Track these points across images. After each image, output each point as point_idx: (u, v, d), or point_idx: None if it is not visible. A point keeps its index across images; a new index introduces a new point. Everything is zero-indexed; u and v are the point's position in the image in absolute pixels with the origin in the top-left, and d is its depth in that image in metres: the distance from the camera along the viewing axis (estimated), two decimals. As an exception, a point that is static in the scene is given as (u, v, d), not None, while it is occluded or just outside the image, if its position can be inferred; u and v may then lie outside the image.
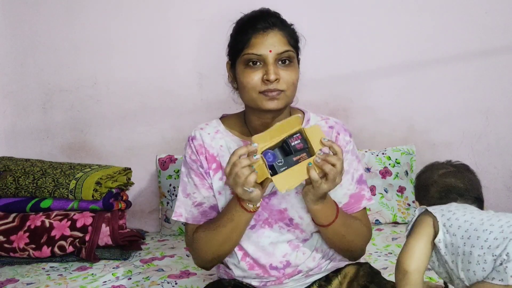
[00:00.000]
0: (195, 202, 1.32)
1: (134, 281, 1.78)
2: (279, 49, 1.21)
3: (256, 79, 1.21)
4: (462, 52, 2.36)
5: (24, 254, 1.99)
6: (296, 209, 1.29)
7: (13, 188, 2.08)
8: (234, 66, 1.28)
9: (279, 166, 1.10)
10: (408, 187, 2.32)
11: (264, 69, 1.21)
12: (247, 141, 1.30)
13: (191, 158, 1.33)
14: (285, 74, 1.22)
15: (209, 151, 1.32)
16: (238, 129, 1.35)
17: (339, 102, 2.37)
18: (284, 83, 1.22)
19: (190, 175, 1.33)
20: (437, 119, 2.40)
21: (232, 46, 1.28)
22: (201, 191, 1.31)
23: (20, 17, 2.35)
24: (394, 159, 2.31)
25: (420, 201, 1.32)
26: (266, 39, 1.21)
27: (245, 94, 1.25)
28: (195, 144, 1.32)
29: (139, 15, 2.35)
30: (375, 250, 1.99)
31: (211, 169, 1.31)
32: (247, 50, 1.22)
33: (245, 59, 1.22)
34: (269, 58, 1.21)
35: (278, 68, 1.21)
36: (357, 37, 2.35)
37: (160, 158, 2.35)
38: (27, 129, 2.42)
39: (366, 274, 1.35)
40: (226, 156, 1.28)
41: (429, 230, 1.13)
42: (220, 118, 1.39)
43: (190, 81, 2.37)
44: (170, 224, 2.33)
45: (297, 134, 1.12)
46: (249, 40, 1.22)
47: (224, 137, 1.33)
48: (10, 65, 2.39)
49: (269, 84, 1.20)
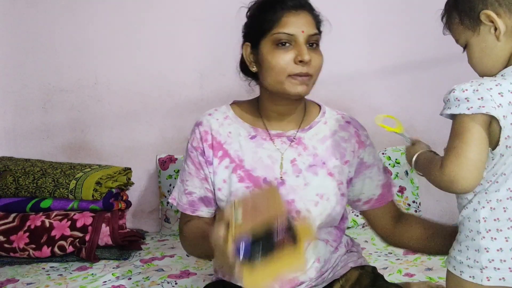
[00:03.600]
0: (186, 189, 1.29)
1: (134, 281, 1.78)
2: (310, 30, 1.16)
3: (287, 60, 1.15)
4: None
5: (24, 254, 1.98)
6: (304, 201, 1.24)
7: (13, 188, 2.08)
8: (256, 47, 1.20)
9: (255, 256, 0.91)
10: (408, 187, 2.32)
11: (296, 50, 1.15)
12: (258, 128, 1.27)
13: (193, 145, 1.28)
14: (314, 57, 1.17)
15: (216, 138, 1.26)
16: (249, 116, 1.29)
17: (339, 102, 2.36)
18: (313, 67, 1.17)
19: (187, 161, 1.29)
20: (437, 119, 2.39)
21: (256, 26, 1.20)
22: (193, 180, 1.28)
23: (20, 17, 2.35)
24: (394, 159, 2.31)
25: None
26: (298, 19, 1.15)
27: (271, 76, 1.18)
28: (201, 130, 1.28)
29: (139, 15, 2.35)
30: (375, 250, 1.99)
31: (217, 156, 1.25)
32: (277, 29, 1.15)
33: (274, 38, 1.15)
34: (300, 38, 1.15)
35: (308, 50, 1.16)
36: (358, 37, 2.35)
37: (160, 158, 2.35)
38: (27, 129, 2.42)
39: (368, 277, 1.32)
40: (234, 143, 1.25)
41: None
42: (231, 104, 1.34)
43: (190, 81, 2.37)
44: (170, 224, 2.33)
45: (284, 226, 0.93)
46: (280, 19, 1.15)
47: (233, 123, 1.28)
48: (10, 65, 2.39)
49: (301, 66, 1.14)
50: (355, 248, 1.41)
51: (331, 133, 1.30)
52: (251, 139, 1.26)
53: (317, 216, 1.24)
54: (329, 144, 1.28)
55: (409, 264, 1.80)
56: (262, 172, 1.24)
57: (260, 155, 1.25)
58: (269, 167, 1.24)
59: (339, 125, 1.31)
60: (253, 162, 1.24)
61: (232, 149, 1.25)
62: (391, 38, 2.35)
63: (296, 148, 1.26)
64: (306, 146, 1.27)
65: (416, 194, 2.34)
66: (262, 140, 1.26)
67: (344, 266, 1.32)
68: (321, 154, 1.27)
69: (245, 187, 1.23)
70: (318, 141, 1.28)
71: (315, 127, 1.30)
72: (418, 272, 1.72)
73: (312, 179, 1.25)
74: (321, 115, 1.32)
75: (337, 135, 1.30)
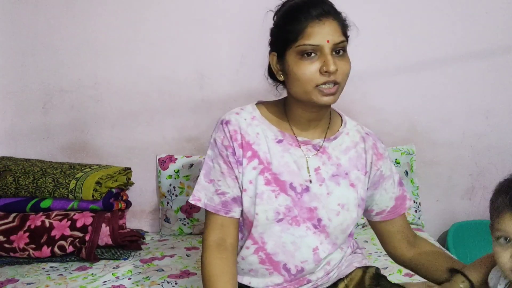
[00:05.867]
0: (218, 190, 1.24)
1: (134, 281, 1.78)
2: (336, 39, 1.15)
3: (313, 71, 1.14)
4: (462, 52, 2.36)
5: (24, 254, 1.99)
6: (326, 210, 1.24)
7: (13, 188, 2.08)
8: (282, 57, 1.19)
9: None
10: (408, 187, 2.32)
11: (321, 60, 1.14)
12: (285, 132, 1.26)
13: (223, 144, 1.24)
14: (341, 64, 1.15)
15: (245, 137, 1.24)
16: (276, 119, 1.28)
17: (340, 102, 2.33)
18: (340, 74, 1.15)
19: (218, 160, 1.25)
20: (437, 119, 2.40)
21: (281, 36, 1.19)
22: (227, 180, 1.24)
23: (20, 17, 2.35)
24: (394, 159, 2.31)
25: None
26: (322, 28, 1.13)
27: (298, 87, 1.17)
28: (230, 129, 1.24)
29: (139, 15, 2.34)
30: (375, 250, 1.99)
31: (246, 157, 1.23)
32: (302, 40, 1.13)
33: (299, 50, 1.14)
34: (326, 49, 1.13)
35: (334, 58, 1.15)
36: (357, 37, 2.34)
37: (160, 158, 2.35)
38: (27, 129, 2.42)
39: (372, 277, 1.34)
40: (263, 144, 1.24)
41: None
42: (256, 104, 1.32)
43: (190, 81, 2.37)
44: (170, 224, 2.33)
45: None
46: (304, 29, 1.13)
47: (261, 124, 1.26)
48: (10, 65, 2.39)
49: (328, 76, 1.13)
50: (359, 250, 1.44)
51: (353, 144, 1.31)
52: (278, 143, 1.25)
53: (337, 226, 1.25)
54: (351, 155, 1.29)
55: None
56: (289, 177, 1.23)
57: (286, 159, 1.24)
58: (296, 172, 1.24)
59: (360, 137, 1.33)
60: (280, 166, 1.23)
61: (261, 150, 1.24)
62: (391, 38, 2.35)
63: (321, 157, 1.26)
64: (330, 155, 1.27)
65: (416, 194, 2.34)
66: (289, 145, 1.26)
67: (349, 266, 1.36)
68: (344, 164, 1.28)
69: (271, 190, 1.22)
70: (341, 152, 1.29)
71: (339, 137, 1.30)
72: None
73: (335, 189, 1.25)
74: (343, 126, 1.33)
75: (358, 147, 1.31)
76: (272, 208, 1.21)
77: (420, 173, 2.41)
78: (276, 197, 1.21)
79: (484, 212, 2.47)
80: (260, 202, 1.21)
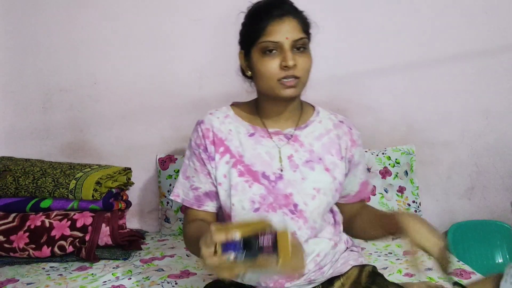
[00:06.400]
0: (192, 185, 1.35)
1: (134, 281, 1.78)
2: (295, 35, 1.23)
3: (274, 67, 1.22)
4: (462, 52, 2.36)
5: (24, 254, 1.98)
6: (301, 195, 1.29)
7: (13, 188, 2.08)
8: (248, 54, 1.28)
9: None
10: (408, 187, 2.32)
11: (281, 56, 1.22)
12: (256, 126, 1.34)
13: (196, 143, 1.35)
14: (301, 60, 1.23)
15: (217, 134, 1.33)
16: (248, 116, 1.37)
17: (338, 102, 2.37)
18: (300, 69, 1.23)
19: (192, 159, 1.35)
20: (436, 119, 2.41)
21: (246, 35, 1.29)
22: (199, 176, 1.34)
23: (20, 17, 2.35)
24: (394, 159, 2.31)
25: None
26: (282, 26, 1.22)
27: (262, 82, 1.26)
28: (202, 128, 1.35)
29: (138, 15, 2.35)
30: (375, 250, 1.99)
31: (218, 152, 1.32)
32: (264, 38, 1.23)
33: (261, 47, 1.23)
34: (285, 45, 1.22)
35: (294, 54, 1.23)
36: (356, 37, 2.35)
37: (160, 158, 2.35)
38: (27, 129, 2.42)
39: (369, 276, 1.36)
40: (235, 140, 1.32)
41: None
42: (231, 105, 1.42)
43: (189, 81, 2.37)
44: (170, 224, 2.33)
45: (269, 234, 0.95)
46: (265, 28, 1.22)
47: (234, 122, 1.36)
48: (10, 65, 2.39)
49: (287, 70, 1.21)
50: (355, 248, 1.45)
51: (326, 131, 1.38)
52: (250, 137, 1.34)
53: (314, 210, 1.29)
54: (325, 142, 1.36)
55: (409, 264, 1.80)
56: (261, 167, 1.30)
57: (259, 151, 1.32)
58: (268, 162, 1.31)
59: (333, 124, 1.40)
60: (252, 157, 1.31)
61: (232, 145, 1.32)
62: (389, 38, 2.35)
63: (293, 145, 1.33)
64: (303, 143, 1.34)
65: (416, 194, 2.34)
66: (261, 137, 1.34)
67: (345, 264, 1.38)
68: (317, 150, 1.34)
69: (245, 181, 1.29)
70: (314, 139, 1.36)
71: (310, 125, 1.38)
72: (418, 272, 1.72)
73: (309, 174, 1.31)
74: (315, 115, 1.40)
75: (332, 133, 1.38)
76: (247, 198, 1.27)
77: (420, 173, 2.42)
78: (250, 187, 1.28)
79: (484, 212, 2.47)
80: (235, 193, 1.28)
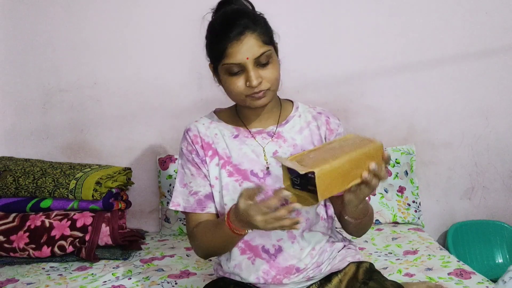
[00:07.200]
0: (191, 191, 1.36)
1: (134, 281, 1.78)
2: (256, 53, 1.22)
3: (240, 85, 1.25)
4: (462, 52, 2.36)
5: (24, 254, 1.99)
6: None
7: (13, 188, 2.08)
8: (216, 69, 1.31)
9: None
10: (408, 187, 2.32)
11: (246, 75, 1.23)
12: (239, 127, 1.38)
13: (187, 149, 1.38)
14: (266, 73, 1.25)
15: (205, 139, 1.38)
16: (231, 119, 1.41)
17: (339, 102, 2.37)
18: (267, 82, 1.25)
19: (187, 165, 1.38)
20: (437, 119, 2.41)
21: (210, 54, 1.31)
22: (197, 180, 1.36)
23: (20, 17, 2.35)
24: (394, 159, 2.31)
25: None
26: (241, 47, 1.21)
27: (232, 97, 1.30)
28: (190, 135, 1.39)
29: (138, 15, 2.35)
30: (375, 250, 1.99)
31: (208, 156, 1.36)
32: (225, 60, 1.24)
33: (225, 68, 1.25)
34: (248, 65, 1.22)
35: (258, 70, 1.24)
36: (357, 37, 2.35)
37: (160, 158, 2.35)
38: (27, 129, 2.42)
39: (365, 272, 1.37)
40: (221, 142, 1.37)
41: None
42: (214, 111, 1.46)
43: (189, 81, 2.37)
44: (170, 224, 2.33)
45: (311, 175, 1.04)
46: (225, 50, 1.23)
47: (218, 126, 1.40)
48: (10, 65, 2.39)
49: (253, 88, 1.23)
50: (353, 245, 1.48)
51: (306, 124, 1.41)
52: (235, 138, 1.37)
53: None
54: (306, 134, 1.39)
55: (409, 264, 1.80)
56: (249, 165, 1.33)
57: (244, 150, 1.35)
58: (254, 160, 1.34)
59: (312, 116, 1.42)
60: (239, 157, 1.34)
61: (220, 147, 1.37)
62: (390, 38, 2.35)
63: (276, 141, 1.37)
64: (286, 138, 1.37)
65: (416, 194, 2.34)
66: (245, 138, 1.37)
67: (342, 260, 1.40)
68: (300, 143, 1.37)
69: (235, 180, 1.32)
70: (296, 133, 1.39)
71: (291, 121, 1.40)
72: (418, 272, 1.72)
73: None
74: (295, 110, 1.43)
75: (311, 125, 1.41)
76: None
77: (420, 173, 2.42)
78: (240, 185, 1.31)
79: (484, 212, 2.47)
80: (226, 193, 1.32)
